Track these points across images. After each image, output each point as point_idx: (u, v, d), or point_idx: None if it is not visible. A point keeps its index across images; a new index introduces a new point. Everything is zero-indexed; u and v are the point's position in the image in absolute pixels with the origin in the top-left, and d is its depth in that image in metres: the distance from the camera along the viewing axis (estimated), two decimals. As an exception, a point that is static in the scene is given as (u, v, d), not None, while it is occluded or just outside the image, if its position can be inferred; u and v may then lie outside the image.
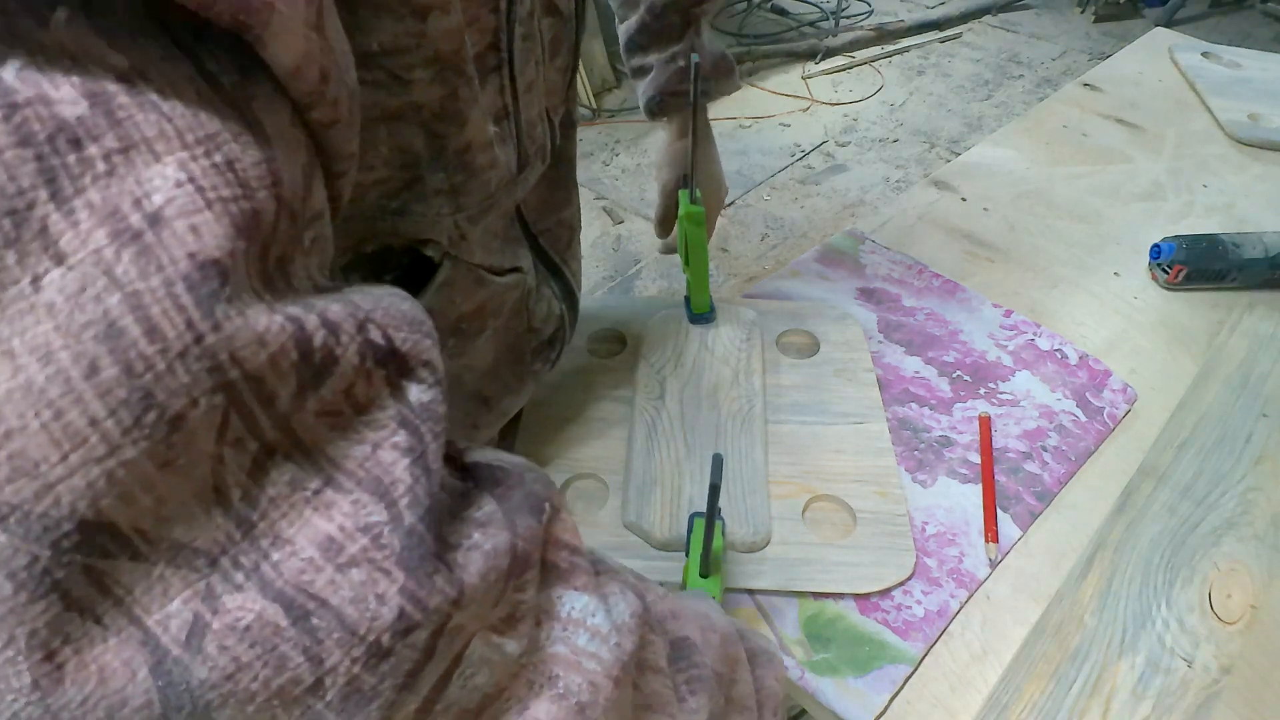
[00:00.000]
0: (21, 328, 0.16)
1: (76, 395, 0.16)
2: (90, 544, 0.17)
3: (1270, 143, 1.00)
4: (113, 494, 0.17)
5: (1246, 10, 3.35)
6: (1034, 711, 0.48)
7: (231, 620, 0.18)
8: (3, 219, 0.16)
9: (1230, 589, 0.54)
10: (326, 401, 0.20)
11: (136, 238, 0.17)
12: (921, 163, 2.44)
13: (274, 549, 0.19)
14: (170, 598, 0.18)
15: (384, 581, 0.19)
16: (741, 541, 0.55)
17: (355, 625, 0.19)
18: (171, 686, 0.18)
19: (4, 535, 0.16)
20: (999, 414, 0.66)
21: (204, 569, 0.18)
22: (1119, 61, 1.20)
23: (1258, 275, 0.78)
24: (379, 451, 0.21)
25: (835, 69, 2.94)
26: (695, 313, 0.72)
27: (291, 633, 0.18)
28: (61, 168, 0.16)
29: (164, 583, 0.18)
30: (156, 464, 0.17)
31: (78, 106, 0.16)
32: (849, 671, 0.50)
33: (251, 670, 0.18)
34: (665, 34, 0.67)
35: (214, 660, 0.18)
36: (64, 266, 0.16)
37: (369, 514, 0.20)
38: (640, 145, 2.55)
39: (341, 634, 0.19)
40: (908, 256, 0.82)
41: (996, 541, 0.57)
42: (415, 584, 0.20)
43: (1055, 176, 0.96)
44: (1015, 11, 3.41)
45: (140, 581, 0.18)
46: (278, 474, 0.19)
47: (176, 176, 0.17)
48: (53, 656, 0.17)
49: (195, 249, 0.17)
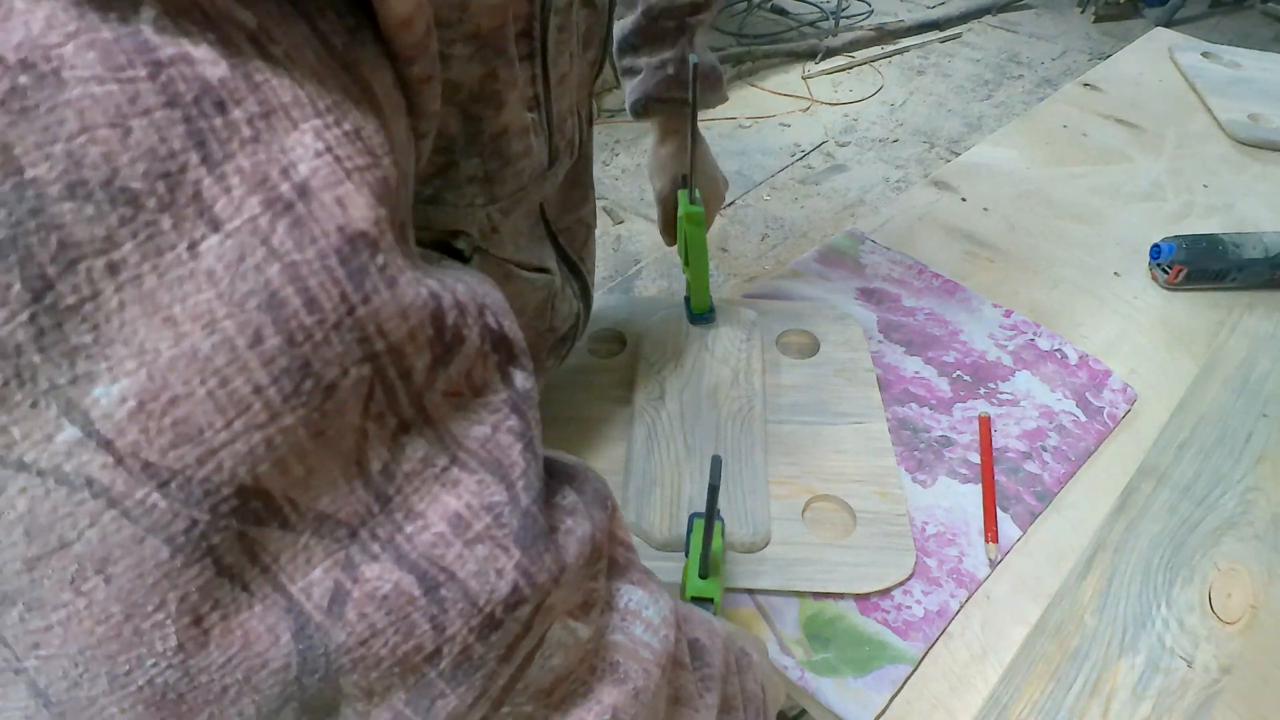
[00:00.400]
0: (182, 294, 0.16)
1: (242, 363, 0.16)
2: (245, 511, 0.17)
3: (1270, 143, 1.00)
4: (270, 461, 0.17)
5: (1246, 10, 3.35)
6: (1034, 711, 0.48)
7: (371, 589, 0.19)
8: (156, 181, 0.16)
9: (1230, 589, 0.54)
10: (452, 381, 0.20)
11: (289, 208, 0.17)
12: (921, 163, 2.44)
13: (407, 522, 0.19)
14: (313, 566, 0.18)
15: (503, 557, 0.20)
16: (741, 542, 0.55)
17: (476, 597, 0.20)
18: (311, 650, 0.18)
19: (164, 500, 0.16)
20: (999, 414, 0.66)
21: (344, 540, 0.19)
22: (1119, 61, 1.20)
23: (1258, 275, 0.78)
24: (497, 434, 0.21)
25: (835, 69, 2.94)
26: (695, 313, 0.72)
27: (423, 602, 0.19)
28: (209, 131, 0.16)
29: (308, 552, 0.18)
30: (310, 433, 0.17)
31: (218, 68, 0.16)
32: (849, 671, 0.50)
33: (384, 637, 0.19)
34: (658, 39, 0.67)
35: (353, 626, 0.18)
36: (221, 234, 0.16)
37: (491, 494, 0.21)
38: (640, 145, 2.55)
39: (464, 605, 0.20)
40: (908, 256, 0.82)
41: (996, 541, 0.57)
42: (528, 561, 0.21)
43: (1055, 176, 0.96)
44: (1015, 11, 3.41)
45: (287, 550, 0.18)
46: (412, 450, 0.20)
47: (315, 146, 0.17)
48: (200, 621, 0.17)
49: (343, 222, 0.17)
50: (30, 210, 0.15)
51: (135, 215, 0.15)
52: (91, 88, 0.15)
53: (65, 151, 0.15)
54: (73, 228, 0.15)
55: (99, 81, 0.15)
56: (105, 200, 0.15)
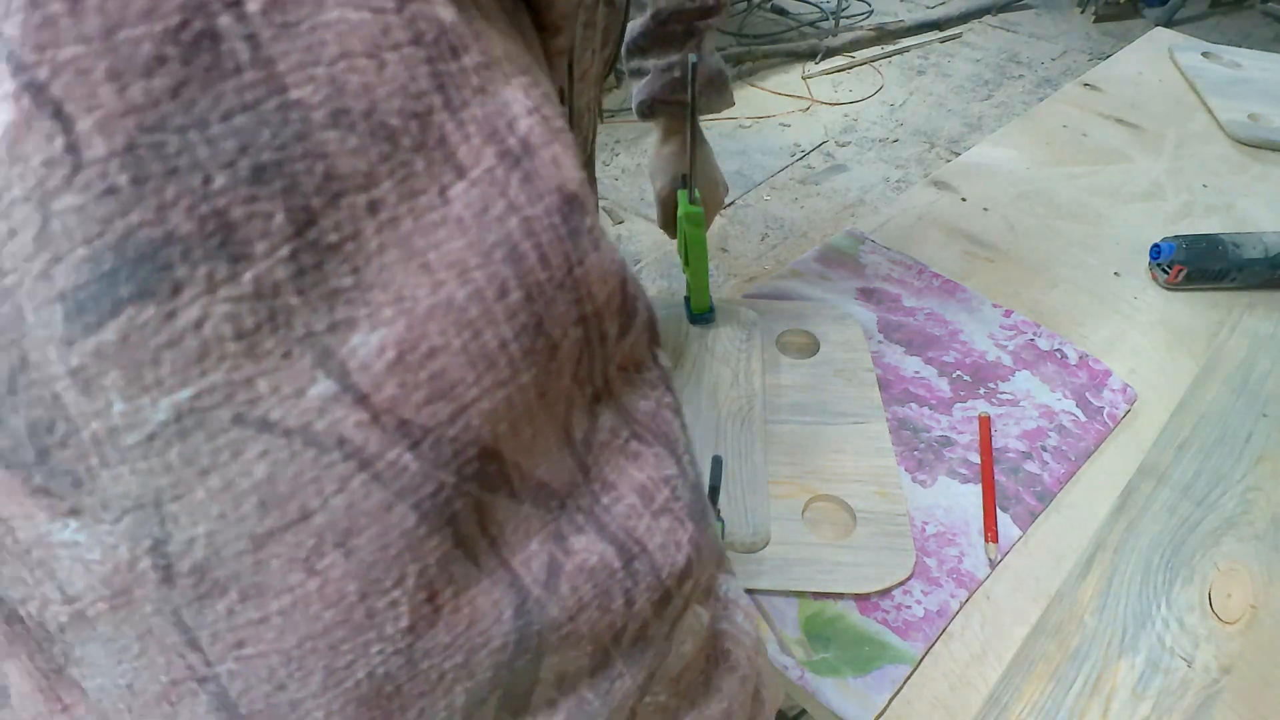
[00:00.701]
0: (436, 240, 0.15)
1: (491, 316, 0.16)
2: (485, 475, 0.16)
3: (1270, 143, 1.00)
4: (508, 422, 0.16)
5: (1246, 10, 3.34)
6: (1034, 711, 0.48)
7: (580, 561, 0.18)
8: (410, 120, 0.15)
9: (1230, 589, 0.54)
10: (625, 354, 0.20)
11: (518, 163, 0.16)
12: (921, 163, 2.44)
13: (604, 493, 0.19)
14: (530, 538, 0.17)
15: (680, 530, 0.20)
16: (741, 542, 0.55)
17: (660, 569, 0.19)
18: (528, 627, 0.17)
19: (416, 461, 0.15)
20: (999, 414, 0.66)
21: (555, 510, 0.18)
22: (1119, 61, 1.20)
23: (1258, 275, 0.78)
24: (660, 409, 0.21)
25: (835, 69, 2.94)
26: (695, 313, 0.72)
27: (621, 575, 0.19)
28: (448, 75, 0.16)
29: (528, 523, 0.17)
30: (538, 394, 0.17)
31: (449, 12, 0.16)
32: (849, 671, 0.50)
33: (589, 611, 0.18)
34: (666, 41, 0.68)
35: (565, 600, 0.18)
36: (466, 181, 0.16)
37: (666, 467, 0.21)
38: (640, 145, 2.55)
39: (651, 578, 0.19)
40: (908, 256, 0.82)
41: (996, 541, 0.57)
42: (699, 534, 0.21)
43: (1055, 176, 0.96)
44: (1015, 11, 3.41)
45: (511, 520, 0.17)
46: (604, 420, 0.19)
47: (526, 103, 0.17)
48: (434, 598, 0.16)
49: (560, 181, 0.17)
50: (296, 134, 0.14)
51: (393, 153, 0.15)
52: (348, 12, 0.14)
53: (329, 76, 0.14)
54: (337, 158, 0.14)
55: (354, 7, 0.14)
56: (367, 133, 0.14)
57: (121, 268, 0.13)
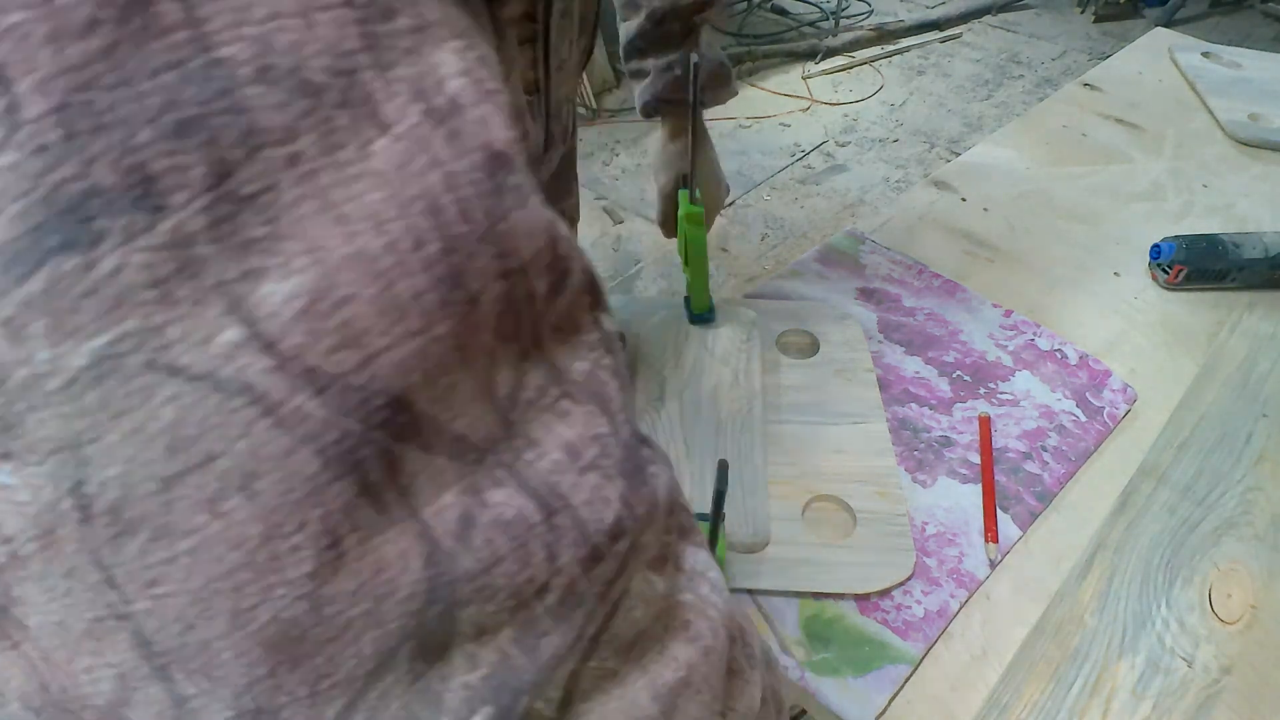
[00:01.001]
0: (354, 193, 0.15)
1: (406, 267, 0.16)
2: (394, 424, 0.16)
3: (1270, 143, 1.00)
4: (421, 372, 0.16)
5: (1246, 10, 3.34)
6: (1034, 711, 0.48)
7: (497, 514, 0.18)
8: (335, 77, 0.15)
9: (1230, 589, 0.54)
10: (559, 313, 0.20)
11: (444, 120, 0.17)
12: (921, 163, 2.44)
13: (527, 449, 0.19)
14: (445, 490, 0.18)
15: (609, 486, 0.20)
16: (741, 542, 0.55)
17: (586, 525, 0.20)
18: (438, 578, 0.17)
19: (322, 409, 0.15)
20: (999, 414, 0.66)
21: (473, 464, 0.18)
22: (1119, 61, 1.20)
23: (1258, 275, 0.78)
24: (596, 370, 0.21)
25: (835, 69, 2.94)
26: (695, 313, 0.72)
27: (541, 529, 0.19)
28: (379, 36, 0.16)
29: (442, 475, 0.18)
30: (455, 346, 0.17)
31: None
32: (849, 671, 0.50)
33: (505, 564, 0.18)
34: (664, 41, 0.68)
35: (479, 552, 0.18)
36: (389, 136, 0.16)
37: (598, 425, 0.21)
38: (640, 145, 2.55)
39: (575, 534, 0.19)
40: (908, 256, 0.82)
41: (996, 541, 0.57)
42: (630, 491, 0.21)
43: (1055, 176, 0.96)
44: (1015, 11, 3.41)
45: (423, 471, 0.17)
46: (530, 377, 0.19)
47: (457, 65, 0.18)
48: (338, 544, 0.16)
49: (488, 139, 0.18)
50: (220, 90, 0.14)
51: (315, 108, 0.15)
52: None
53: (258, 34, 0.15)
54: (259, 113, 0.15)
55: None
56: (291, 89, 0.15)
57: (49, 220, 0.14)
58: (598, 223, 2.23)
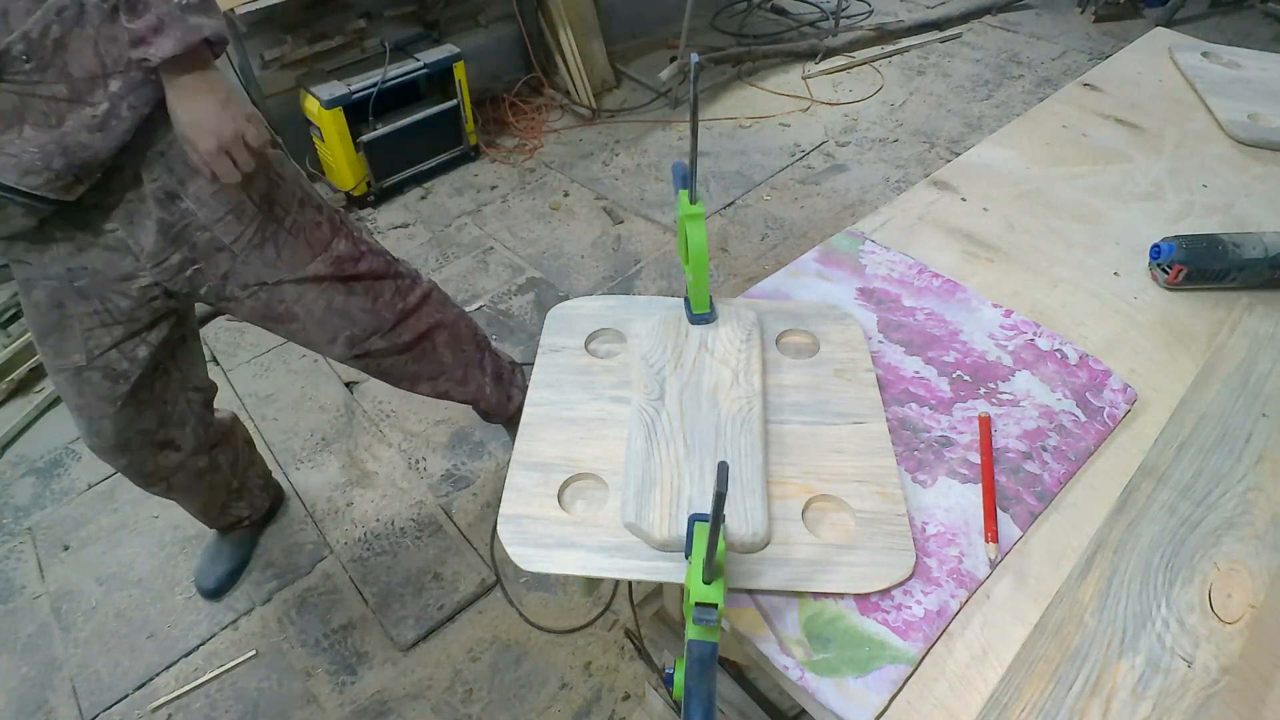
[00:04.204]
0: None
1: None
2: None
3: (1270, 143, 1.00)
4: None
5: (1246, 10, 3.34)
6: (1034, 711, 0.48)
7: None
8: None
9: (1230, 589, 0.54)
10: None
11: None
12: (921, 163, 2.44)
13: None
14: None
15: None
16: (741, 542, 0.55)
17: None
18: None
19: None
20: (999, 414, 0.66)
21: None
22: (1119, 61, 1.20)
23: (1258, 275, 0.78)
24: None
25: (835, 69, 2.94)
26: (695, 313, 0.71)
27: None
28: None
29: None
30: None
31: None
32: (849, 671, 0.50)
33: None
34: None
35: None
36: None
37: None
38: (640, 145, 2.55)
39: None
40: (908, 256, 0.82)
41: (996, 541, 0.57)
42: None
43: (1055, 176, 0.96)
44: (1015, 11, 3.41)
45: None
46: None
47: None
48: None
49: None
50: None
51: None
52: None
53: None
54: None
55: None
56: None
57: None
58: (598, 222, 2.23)
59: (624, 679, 1.26)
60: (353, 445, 1.64)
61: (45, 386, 1.77)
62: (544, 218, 2.27)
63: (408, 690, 1.26)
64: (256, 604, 1.38)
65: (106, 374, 0.97)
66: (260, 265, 0.97)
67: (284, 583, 1.41)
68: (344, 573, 1.42)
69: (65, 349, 0.95)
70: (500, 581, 1.40)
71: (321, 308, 1.05)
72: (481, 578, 1.39)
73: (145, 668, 1.30)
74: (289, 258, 0.99)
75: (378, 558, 1.43)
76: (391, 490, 1.55)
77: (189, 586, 1.40)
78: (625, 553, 0.55)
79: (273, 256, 0.98)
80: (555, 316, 0.74)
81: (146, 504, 1.53)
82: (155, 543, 1.47)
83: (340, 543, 1.46)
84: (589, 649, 1.30)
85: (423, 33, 2.41)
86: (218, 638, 1.33)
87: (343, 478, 1.57)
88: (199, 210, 0.90)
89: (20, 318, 1.92)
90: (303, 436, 1.65)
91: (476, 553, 1.44)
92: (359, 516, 1.50)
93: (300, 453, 1.62)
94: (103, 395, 0.99)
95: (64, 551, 1.47)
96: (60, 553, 1.46)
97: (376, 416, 1.69)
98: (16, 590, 1.41)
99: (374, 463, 1.60)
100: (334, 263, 1.04)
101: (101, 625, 1.35)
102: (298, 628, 1.34)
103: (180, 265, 0.93)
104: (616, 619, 1.34)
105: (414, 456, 1.61)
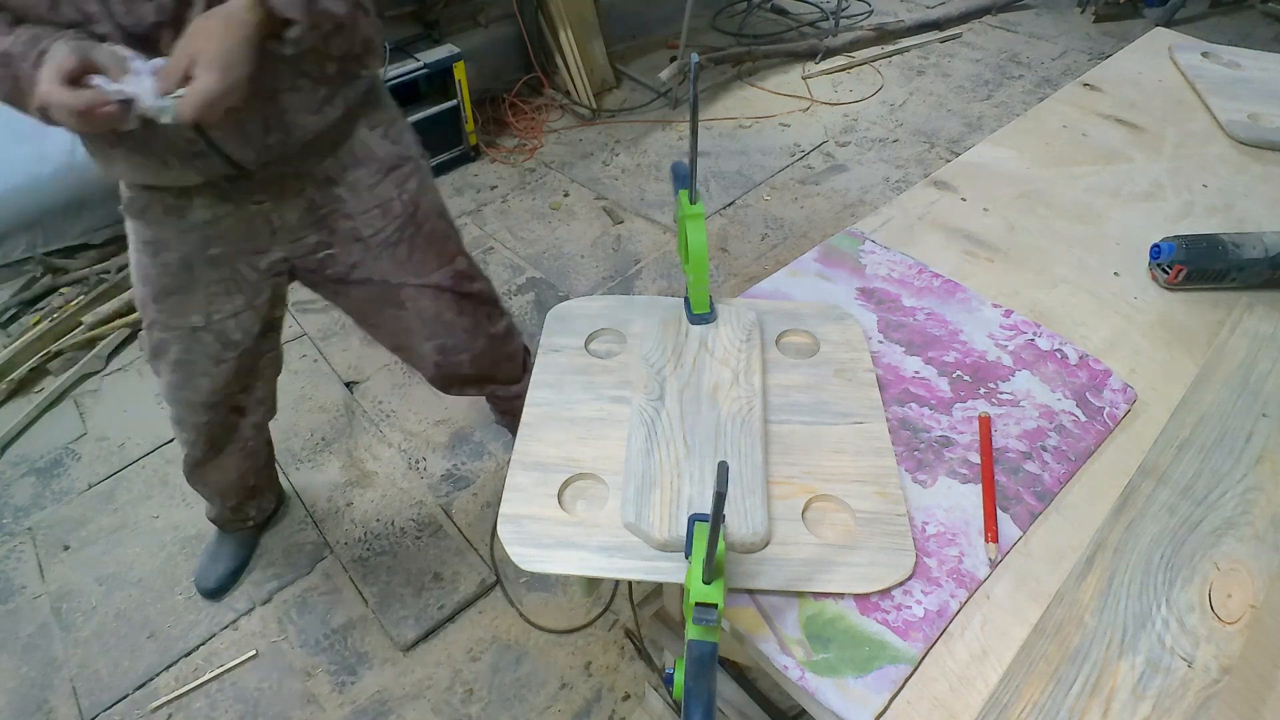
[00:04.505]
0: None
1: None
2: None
3: (1270, 143, 1.00)
4: None
5: (1246, 10, 3.34)
6: (1034, 711, 0.48)
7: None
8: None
9: (1230, 589, 0.54)
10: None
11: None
12: (921, 163, 2.44)
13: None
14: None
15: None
16: (741, 542, 0.55)
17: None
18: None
19: None
20: (999, 414, 0.66)
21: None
22: (1119, 61, 1.20)
23: (1258, 275, 0.78)
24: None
25: (835, 69, 2.94)
26: (695, 313, 0.71)
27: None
28: None
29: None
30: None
31: None
32: (849, 671, 0.50)
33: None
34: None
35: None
36: None
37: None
38: (640, 145, 2.55)
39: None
40: (908, 256, 0.82)
41: (996, 541, 0.57)
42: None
43: (1055, 176, 0.96)
44: (1015, 11, 3.41)
45: None
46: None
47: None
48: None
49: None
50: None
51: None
52: None
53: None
54: None
55: None
56: None
57: None
58: (598, 222, 2.23)
59: (624, 679, 1.26)
60: (353, 445, 1.64)
61: (45, 386, 1.77)
62: (544, 218, 2.27)
63: (408, 690, 1.26)
64: (256, 604, 1.38)
65: (219, 338, 1.00)
66: (389, 263, 0.99)
67: (284, 583, 1.41)
68: (344, 573, 1.42)
69: (185, 309, 0.96)
70: (500, 581, 1.40)
71: (431, 314, 1.07)
72: (481, 578, 1.39)
73: (145, 668, 1.30)
74: (418, 261, 1.01)
75: (378, 558, 1.43)
76: (391, 490, 1.55)
77: (189, 586, 1.40)
78: (625, 553, 0.55)
79: (404, 257, 1.00)
80: (555, 316, 0.74)
81: (146, 504, 1.53)
82: (155, 543, 1.47)
83: (340, 543, 1.46)
84: (589, 649, 1.30)
85: (422, 33, 2.41)
86: (218, 638, 1.33)
87: (343, 478, 1.57)
88: (349, 199, 0.93)
89: (20, 318, 1.92)
90: (303, 436, 1.65)
91: (476, 553, 1.44)
92: (359, 516, 1.50)
93: (300, 453, 1.62)
94: (211, 355, 1.01)
95: (64, 551, 1.47)
96: (60, 553, 1.46)
97: (376, 416, 1.69)
98: (16, 590, 1.41)
99: (374, 463, 1.60)
100: (454, 277, 1.06)
101: (101, 625, 1.35)
102: (298, 628, 1.34)
103: (315, 247, 0.96)
104: (616, 619, 1.34)
105: (414, 456, 1.61)
